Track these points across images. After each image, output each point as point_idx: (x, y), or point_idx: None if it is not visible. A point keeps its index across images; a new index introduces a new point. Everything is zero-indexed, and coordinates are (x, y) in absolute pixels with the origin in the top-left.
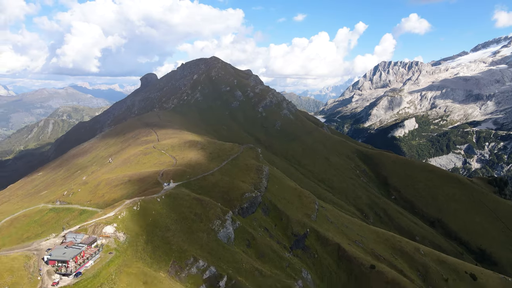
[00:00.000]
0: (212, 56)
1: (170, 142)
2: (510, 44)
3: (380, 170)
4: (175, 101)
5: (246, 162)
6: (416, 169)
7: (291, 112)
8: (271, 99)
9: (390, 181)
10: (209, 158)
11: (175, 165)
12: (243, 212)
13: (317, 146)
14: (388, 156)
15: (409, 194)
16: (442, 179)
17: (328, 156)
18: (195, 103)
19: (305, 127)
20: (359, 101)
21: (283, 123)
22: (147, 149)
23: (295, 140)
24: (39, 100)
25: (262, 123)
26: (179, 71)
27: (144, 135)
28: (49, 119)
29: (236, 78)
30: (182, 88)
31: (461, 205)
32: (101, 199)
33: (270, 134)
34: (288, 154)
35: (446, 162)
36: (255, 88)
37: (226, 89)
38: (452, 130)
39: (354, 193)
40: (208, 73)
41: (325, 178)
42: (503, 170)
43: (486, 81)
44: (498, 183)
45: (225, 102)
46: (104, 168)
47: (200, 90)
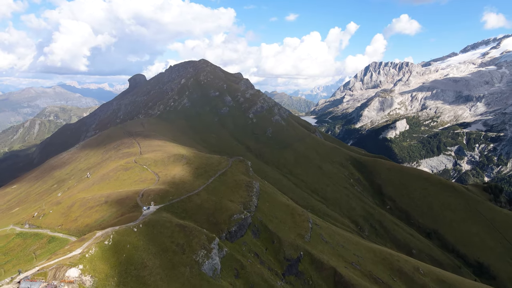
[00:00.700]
0: (201, 59)
1: (153, 156)
2: (499, 46)
3: (375, 178)
4: (161, 107)
5: (235, 178)
6: (411, 177)
7: (283, 118)
8: (262, 104)
9: (385, 190)
10: (194, 175)
11: (157, 183)
12: (231, 236)
13: (309, 154)
14: (383, 164)
15: (405, 203)
16: (437, 187)
17: (321, 164)
18: (183, 109)
19: (297, 134)
20: (350, 101)
21: (274, 129)
22: (128, 164)
23: (287, 148)
24: (26, 99)
25: (253, 130)
26: (167, 73)
27: (126, 147)
28: (35, 120)
29: (225, 83)
30: (169, 93)
31: (457, 214)
32: (73, 224)
33: (261, 141)
34: (280, 163)
35: (437, 163)
36: (246, 92)
37: (215, 94)
38: (442, 132)
39: (348, 204)
40: (196, 77)
41: (318, 188)
42: (493, 172)
43: (475, 82)
44: (493, 190)
45: (214, 108)
46: (82, 184)
47: (188, 96)
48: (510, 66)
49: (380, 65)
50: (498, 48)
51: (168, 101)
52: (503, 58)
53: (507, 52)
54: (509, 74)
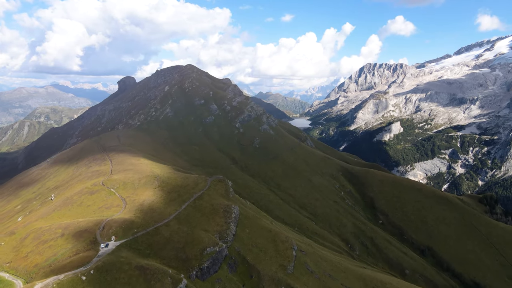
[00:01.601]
0: (187, 64)
1: (123, 177)
2: (493, 48)
3: (367, 190)
4: (141, 117)
5: (212, 202)
6: (404, 188)
7: (271, 127)
8: (249, 113)
9: (377, 204)
10: (166, 200)
11: (123, 211)
12: (202, 274)
13: (299, 165)
14: (375, 175)
15: (397, 218)
16: (431, 199)
17: (311, 176)
18: (165, 119)
19: (286, 143)
20: (345, 103)
21: (262, 139)
22: (94, 186)
23: (275, 159)
24: (17, 99)
25: (239, 140)
26: (153, 78)
27: (97, 164)
28: (24, 121)
29: (212, 90)
30: (151, 101)
31: (452, 229)
32: (22, 262)
33: (247, 152)
34: (267, 176)
35: (431, 167)
36: (233, 100)
37: (200, 102)
38: (436, 135)
39: (339, 220)
40: (181, 84)
41: (307, 203)
42: (487, 176)
43: (469, 84)
44: (488, 201)
45: (199, 117)
46: (44, 208)
47: (171, 104)
48: (503, 68)
49: (374, 67)
50: (491, 50)
51: (149, 111)
52: (496, 61)
53: (501, 55)
54: (502, 76)
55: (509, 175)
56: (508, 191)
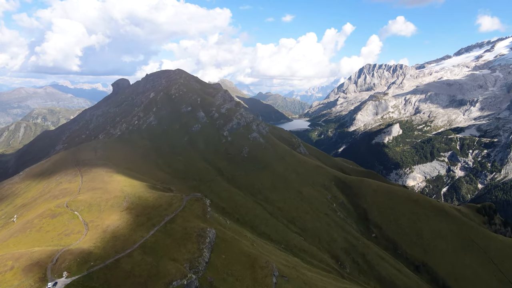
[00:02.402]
0: (177, 69)
1: (89, 198)
2: (493, 49)
3: (360, 201)
4: (123, 126)
5: (186, 225)
6: (399, 199)
7: (262, 135)
8: (238, 121)
9: (371, 216)
10: (133, 225)
11: (83, 238)
12: None
13: (289, 175)
14: (369, 184)
15: (392, 231)
16: (427, 210)
17: (302, 187)
18: (148, 128)
19: (276, 152)
20: (344, 104)
21: (251, 148)
22: (58, 208)
23: (264, 169)
24: (16, 99)
25: (227, 150)
26: (142, 83)
27: (67, 180)
28: (20, 123)
29: (200, 96)
30: (136, 108)
31: (448, 243)
32: None
33: (235, 163)
34: (255, 188)
35: (430, 169)
36: (221, 107)
37: (186, 109)
38: (436, 137)
39: (329, 234)
40: (167, 91)
41: (296, 217)
42: (487, 179)
43: (469, 86)
44: (487, 211)
45: (185, 126)
46: (3, 231)
47: (155, 112)
48: (504, 69)
49: (374, 67)
50: (492, 51)
51: (132, 119)
52: (497, 62)
53: (501, 56)
54: (503, 78)
55: (509, 179)
56: (508, 195)
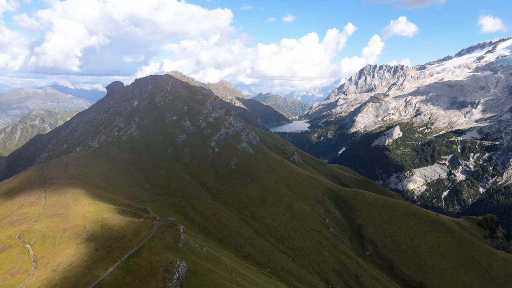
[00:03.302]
0: (166, 74)
1: (45, 228)
2: (494, 50)
3: (355, 216)
4: (102, 137)
5: (152, 259)
6: (396, 213)
7: (252, 145)
8: (227, 130)
9: (366, 232)
10: (90, 260)
11: (28, 280)
12: None
13: (279, 188)
14: (365, 197)
15: (387, 248)
16: (425, 225)
17: (292, 202)
18: (128, 140)
19: (267, 163)
20: (344, 105)
21: (240, 160)
22: (9, 239)
23: (253, 182)
24: (15, 100)
25: (213, 162)
26: (131, 88)
27: (29, 203)
28: (17, 125)
29: (187, 104)
30: (117, 118)
31: (447, 261)
32: None
33: (221, 176)
34: (242, 203)
35: (430, 173)
36: (209, 116)
37: (172, 118)
38: (436, 139)
39: (320, 254)
40: (152, 99)
41: (285, 235)
42: (488, 183)
43: (470, 87)
44: (488, 224)
45: (169, 136)
46: None
47: (138, 122)
48: (505, 71)
49: (374, 68)
50: (493, 52)
51: (111, 130)
52: (498, 63)
53: (503, 57)
54: (504, 79)
55: (510, 183)
56: (510, 199)
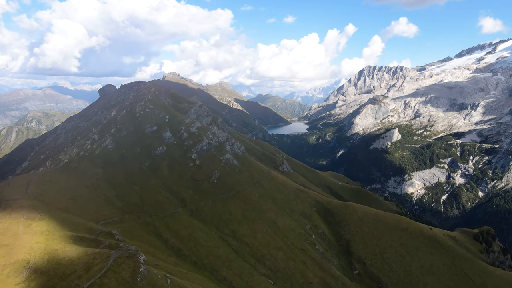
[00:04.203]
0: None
1: None
2: (494, 51)
3: (343, 231)
4: (74, 151)
5: None
6: (387, 228)
7: (236, 156)
8: (210, 141)
9: (354, 248)
10: None
11: None
12: None
13: (264, 203)
14: (355, 211)
15: (377, 267)
16: (417, 241)
17: (277, 217)
18: (102, 153)
19: (252, 175)
20: (343, 107)
21: (222, 173)
22: None
23: (235, 197)
24: (14, 101)
25: (194, 175)
26: (116, 95)
27: None
28: (12, 127)
29: (169, 113)
30: (92, 129)
31: (440, 280)
32: None
33: (201, 190)
34: (222, 220)
35: (429, 176)
36: (191, 125)
37: (152, 129)
38: (435, 142)
39: (304, 276)
40: (131, 108)
41: (266, 255)
42: (488, 187)
43: (470, 89)
44: (485, 238)
45: (147, 149)
46: None
47: (114, 134)
48: (505, 72)
49: (374, 69)
50: (493, 53)
51: (85, 143)
52: (498, 64)
53: (503, 58)
54: (504, 81)
55: (510, 187)
56: (510, 204)
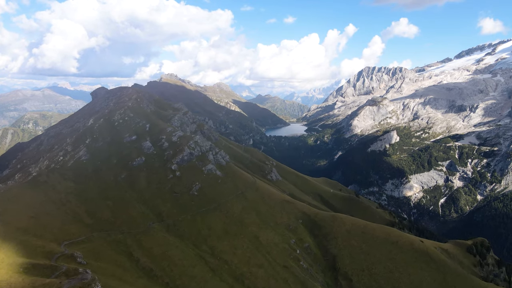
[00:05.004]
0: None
1: None
2: (494, 52)
3: (330, 245)
4: (45, 163)
5: None
6: (376, 242)
7: (220, 166)
8: (191, 150)
9: (341, 264)
10: None
11: None
12: None
13: (246, 216)
14: (343, 222)
15: (364, 283)
16: (407, 255)
17: (260, 231)
18: (75, 166)
19: (236, 186)
20: (342, 108)
21: (204, 184)
22: None
23: (216, 210)
24: (13, 102)
25: (173, 187)
26: (100, 101)
27: None
28: (7, 129)
29: (150, 121)
30: (67, 139)
31: None
32: None
33: (180, 204)
34: (200, 236)
35: (427, 179)
36: (173, 134)
37: (130, 139)
38: (434, 145)
39: None
40: (110, 117)
41: (245, 273)
42: (486, 190)
43: (469, 91)
44: (478, 250)
45: (124, 159)
46: None
47: (89, 144)
48: (505, 73)
49: (373, 71)
50: (493, 54)
51: (56, 155)
52: (498, 65)
53: (502, 59)
54: (504, 82)
55: (509, 190)
56: (508, 208)
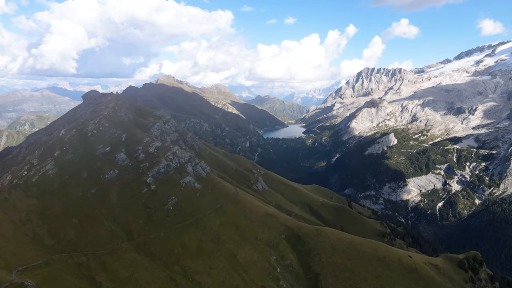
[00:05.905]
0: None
1: None
2: (494, 53)
3: (313, 262)
4: (8, 178)
5: None
6: (362, 258)
7: (199, 178)
8: (169, 162)
9: (323, 283)
10: None
11: None
12: None
13: (224, 232)
14: (328, 237)
15: None
16: (394, 272)
17: (238, 248)
18: (40, 181)
19: (216, 199)
20: (340, 109)
21: (181, 198)
22: None
23: (192, 226)
24: (11, 103)
25: (147, 202)
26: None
27: None
28: (2, 131)
29: (126, 131)
30: (36, 151)
31: None
32: None
33: (154, 220)
34: (173, 255)
35: (425, 183)
36: (150, 145)
37: (104, 150)
38: (432, 147)
39: None
40: (83, 127)
41: None
42: (485, 194)
43: (468, 92)
44: (471, 265)
45: (96, 173)
46: None
47: (57, 157)
48: (504, 75)
49: (372, 72)
50: (492, 55)
51: (21, 169)
52: (497, 67)
53: (502, 61)
54: (503, 84)
55: (507, 194)
56: (507, 212)
